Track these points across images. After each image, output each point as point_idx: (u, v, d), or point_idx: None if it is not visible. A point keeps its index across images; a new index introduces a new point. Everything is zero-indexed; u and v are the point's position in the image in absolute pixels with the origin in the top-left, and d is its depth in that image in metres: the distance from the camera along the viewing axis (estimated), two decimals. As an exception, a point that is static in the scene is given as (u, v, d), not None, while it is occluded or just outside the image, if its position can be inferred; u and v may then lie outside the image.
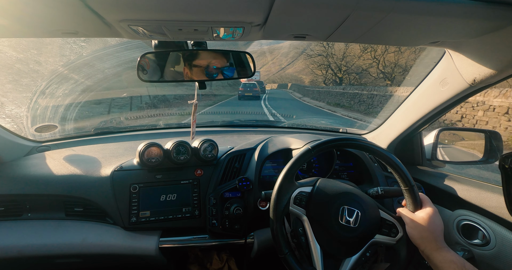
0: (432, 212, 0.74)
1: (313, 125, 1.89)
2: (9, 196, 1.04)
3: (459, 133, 1.26)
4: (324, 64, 30.70)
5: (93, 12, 0.57)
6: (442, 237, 0.72)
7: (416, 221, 0.73)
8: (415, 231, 0.73)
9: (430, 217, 0.72)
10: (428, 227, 0.71)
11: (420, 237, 0.72)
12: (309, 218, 0.79)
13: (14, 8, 0.56)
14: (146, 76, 0.90)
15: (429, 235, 0.71)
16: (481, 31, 0.70)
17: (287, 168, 0.82)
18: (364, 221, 0.79)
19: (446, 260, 0.66)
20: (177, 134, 1.62)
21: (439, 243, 0.70)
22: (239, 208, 1.04)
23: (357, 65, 28.04)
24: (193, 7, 0.57)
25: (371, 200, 0.85)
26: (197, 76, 0.93)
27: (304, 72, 33.19)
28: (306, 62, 35.99)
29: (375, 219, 0.81)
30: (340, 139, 0.83)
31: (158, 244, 1.03)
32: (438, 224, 0.73)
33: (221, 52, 0.93)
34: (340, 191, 0.82)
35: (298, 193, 0.81)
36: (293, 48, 69.74)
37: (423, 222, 0.72)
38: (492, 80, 0.80)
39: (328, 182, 0.86)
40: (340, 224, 0.77)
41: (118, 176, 1.06)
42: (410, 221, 0.75)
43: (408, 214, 0.76)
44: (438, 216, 0.74)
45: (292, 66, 56.60)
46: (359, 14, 0.59)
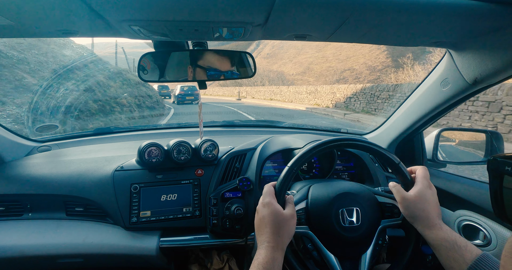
0: (423, 190, 0.71)
1: (314, 125, 1.89)
2: (10, 196, 1.04)
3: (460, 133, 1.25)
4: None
5: (93, 12, 0.57)
6: (435, 213, 0.70)
7: (407, 200, 0.72)
8: (407, 211, 0.72)
9: (421, 196, 0.70)
10: (419, 206, 0.70)
11: (411, 216, 0.72)
12: (314, 231, 0.78)
13: (14, 8, 0.56)
14: (146, 76, 0.90)
15: (421, 213, 0.70)
16: (482, 31, 0.70)
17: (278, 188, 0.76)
18: (366, 214, 0.78)
19: (438, 238, 0.66)
20: (177, 134, 1.62)
21: (431, 221, 0.69)
22: (240, 208, 1.04)
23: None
24: (194, 8, 0.57)
25: (364, 189, 0.84)
26: (198, 76, 0.93)
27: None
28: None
29: (375, 207, 0.80)
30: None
31: (158, 244, 1.03)
32: (430, 202, 0.70)
33: (222, 52, 0.93)
34: (334, 195, 0.81)
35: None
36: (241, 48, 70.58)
37: (414, 201, 0.71)
38: (494, 80, 0.80)
39: (318, 188, 0.85)
40: (345, 227, 0.77)
41: (118, 176, 1.06)
42: (401, 201, 0.73)
43: (398, 193, 0.74)
44: (429, 193, 0.72)
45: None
46: (359, 14, 0.59)
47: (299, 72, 36.68)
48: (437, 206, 0.72)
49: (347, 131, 1.75)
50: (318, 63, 32.96)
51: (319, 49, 40.42)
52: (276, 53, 45.69)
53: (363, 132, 1.59)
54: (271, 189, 0.74)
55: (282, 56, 30.72)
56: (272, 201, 0.71)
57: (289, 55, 30.92)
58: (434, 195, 0.73)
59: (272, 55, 46.42)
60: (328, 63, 36.62)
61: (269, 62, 43.39)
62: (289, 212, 0.70)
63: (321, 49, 40.22)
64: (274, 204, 0.70)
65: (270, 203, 0.70)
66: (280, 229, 0.67)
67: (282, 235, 0.67)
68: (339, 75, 32.61)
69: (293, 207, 0.73)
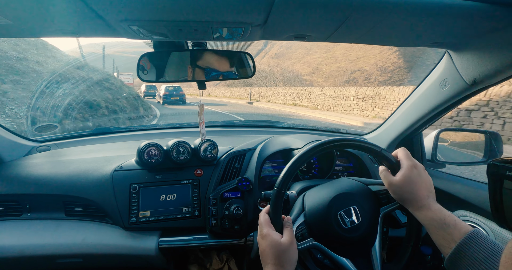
0: (408, 172, 0.70)
1: (313, 125, 1.89)
2: (9, 196, 1.04)
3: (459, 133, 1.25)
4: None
5: (93, 12, 0.57)
6: (424, 193, 0.69)
7: (394, 184, 0.71)
8: (396, 195, 0.72)
9: (406, 178, 0.70)
10: (406, 188, 0.70)
11: (400, 200, 0.72)
12: (320, 241, 0.77)
13: (13, 8, 0.56)
14: (146, 76, 0.90)
15: (408, 196, 0.70)
16: (481, 31, 0.70)
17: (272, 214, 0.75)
18: (364, 209, 0.78)
19: (427, 218, 0.66)
20: (177, 134, 1.62)
21: (419, 202, 0.68)
22: (239, 208, 1.04)
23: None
24: (193, 8, 0.57)
25: (356, 184, 0.83)
26: (197, 76, 0.93)
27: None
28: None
29: (371, 199, 0.80)
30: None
31: (158, 244, 1.03)
32: (416, 182, 0.70)
33: (221, 52, 0.93)
34: (328, 200, 0.79)
35: (296, 229, 0.78)
36: (249, 50, 68.84)
37: (400, 185, 0.70)
38: (493, 80, 0.80)
39: (312, 196, 0.84)
40: (347, 229, 0.76)
41: (118, 176, 1.06)
42: (389, 186, 0.73)
43: (386, 179, 0.74)
44: (415, 173, 0.71)
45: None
46: (359, 14, 0.59)
47: (308, 72, 36.08)
48: (426, 185, 0.70)
49: (347, 132, 1.75)
50: (327, 63, 32.10)
51: (328, 49, 39.89)
52: (284, 53, 45.12)
53: (362, 132, 1.59)
54: (266, 218, 0.73)
55: (291, 56, 29.84)
56: (269, 231, 0.70)
57: (297, 55, 30.06)
58: (421, 173, 0.72)
59: (280, 55, 45.79)
60: (338, 64, 35.99)
61: (277, 63, 42.75)
62: (287, 240, 0.68)
63: (330, 49, 39.70)
64: (272, 234, 0.69)
65: (267, 234, 0.69)
66: (282, 259, 0.67)
67: (285, 264, 0.67)
68: (348, 76, 31.87)
69: (291, 231, 0.71)
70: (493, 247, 0.55)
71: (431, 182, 0.72)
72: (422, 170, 0.73)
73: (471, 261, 0.55)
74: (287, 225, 0.72)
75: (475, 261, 0.55)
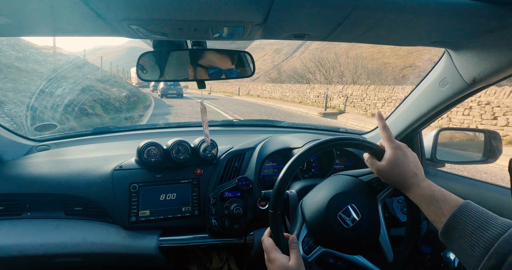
0: (391, 155, 0.70)
1: (313, 124, 1.90)
2: (9, 195, 1.04)
3: (459, 133, 1.25)
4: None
5: (93, 11, 0.57)
6: (410, 173, 0.68)
7: (381, 170, 0.72)
8: (385, 179, 0.73)
9: (391, 161, 0.70)
10: (393, 172, 0.70)
11: (391, 183, 0.72)
12: (327, 246, 0.77)
13: (14, 7, 0.56)
14: (146, 75, 0.90)
15: (397, 178, 0.70)
16: (481, 31, 0.70)
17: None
18: (361, 204, 0.77)
19: (416, 197, 0.67)
20: (177, 133, 1.62)
21: (407, 182, 0.68)
22: (239, 208, 1.04)
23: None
24: (193, 7, 0.57)
25: (346, 179, 0.83)
26: (197, 75, 0.93)
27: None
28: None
29: (365, 190, 0.80)
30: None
31: (157, 244, 1.03)
32: (401, 163, 0.69)
33: (221, 52, 0.93)
34: (325, 204, 0.78)
35: (302, 243, 0.77)
36: (285, 45, 62.41)
37: (387, 170, 0.70)
38: (492, 80, 0.80)
39: (309, 202, 0.83)
40: (350, 228, 0.76)
41: (117, 175, 1.06)
42: (376, 172, 0.74)
43: (372, 166, 0.74)
44: (399, 154, 0.70)
45: (287, 63, 52.11)
46: (358, 13, 0.59)
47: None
48: (413, 163, 0.70)
49: (346, 131, 1.75)
50: (373, 58, 29.34)
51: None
52: (325, 48, 41.80)
53: (362, 131, 1.59)
54: (270, 242, 0.72)
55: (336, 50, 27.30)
56: (276, 255, 0.69)
57: (339, 49, 27.62)
58: (406, 153, 0.71)
59: (322, 50, 42.42)
60: (386, 59, 33.52)
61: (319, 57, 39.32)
62: (294, 262, 0.67)
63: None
64: (279, 259, 0.68)
65: (275, 259, 0.69)
66: None
67: None
68: (398, 73, 29.40)
69: (298, 252, 0.70)
70: (483, 217, 0.55)
71: (417, 158, 0.72)
72: (405, 148, 0.72)
73: (462, 233, 0.55)
74: (292, 245, 0.71)
75: (466, 233, 0.55)
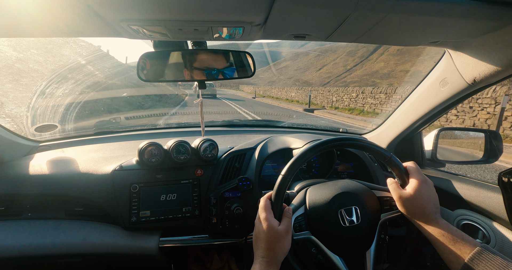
0: (418, 187, 0.71)
1: (313, 124, 1.90)
2: (9, 196, 1.04)
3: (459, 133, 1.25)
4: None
5: (93, 11, 0.57)
6: (432, 208, 0.70)
7: (403, 198, 0.72)
8: (405, 208, 0.73)
9: (416, 192, 0.71)
10: (415, 202, 0.71)
11: (409, 213, 0.72)
12: (316, 235, 0.77)
13: (14, 8, 0.56)
14: (146, 75, 0.90)
15: (417, 210, 0.70)
16: (481, 31, 0.70)
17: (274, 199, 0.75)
18: (365, 211, 0.78)
19: (434, 233, 0.67)
20: (177, 133, 1.62)
21: (427, 216, 0.69)
22: (239, 208, 1.04)
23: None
24: (193, 7, 0.57)
25: (361, 186, 0.84)
26: (197, 76, 0.93)
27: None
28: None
29: (373, 203, 0.80)
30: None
31: (158, 244, 1.03)
32: (425, 197, 0.71)
33: (221, 52, 0.93)
34: (331, 196, 0.80)
35: (294, 220, 0.78)
36: (361, 46, 54.33)
37: (410, 199, 0.71)
38: (492, 79, 0.80)
39: (315, 191, 0.84)
40: (346, 228, 0.76)
41: (118, 176, 1.06)
42: (398, 199, 0.74)
43: (395, 191, 0.75)
44: (426, 188, 0.72)
45: (362, 67, 46.96)
46: (359, 14, 0.59)
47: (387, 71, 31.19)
48: (434, 201, 0.72)
49: (346, 131, 1.75)
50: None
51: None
52: (408, 50, 36.30)
53: (362, 132, 1.59)
54: (267, 203, 0.74)
55: (416, 53, 24.48)
56: (268, 216, 0.71)
57: (418, 51, 24.66)
58: (430, 189, 0.73)
59: (404, 52, 38.92)
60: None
61: (400, 60, 34.98)
62: (283, 228, 0.69)
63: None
64: (270, 219, 0.70)
65: (266, 219, 0.70)
66: (275, 246, 0.68)
67: (276, 251, 0.68)
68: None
69: (289, 221, 0.72)
70: (502, 263, 0.55)
71: (437, 198, 0.73)
72: (431, 185, 0.73)
73: None
74: (286, 214, 0.73)
75: None
